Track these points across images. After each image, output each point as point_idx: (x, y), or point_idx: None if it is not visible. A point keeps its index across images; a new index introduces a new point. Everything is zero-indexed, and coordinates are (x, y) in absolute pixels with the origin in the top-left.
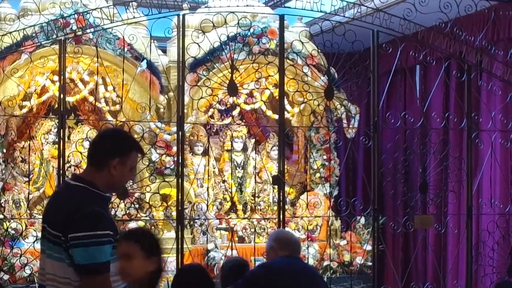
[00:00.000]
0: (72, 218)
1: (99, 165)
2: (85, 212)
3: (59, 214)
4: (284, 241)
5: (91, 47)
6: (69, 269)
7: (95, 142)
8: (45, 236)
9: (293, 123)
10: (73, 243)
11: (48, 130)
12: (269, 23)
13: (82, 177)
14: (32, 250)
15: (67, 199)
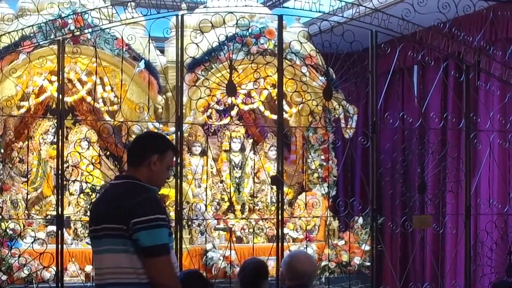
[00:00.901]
0: (132, 207)
1: (139, 163)
2: (144, 198)
3: (118, 208)
4: (294, 272)
5: (89, 47)
6: (134, 257)
7: (134, 142)
8: (101, 236)
9: (291, 123)
10: (137, 227)
11: (46, 130)
12: (267, 23)
13: (126, 175)
14: (30, 251)
15: (121, 193)
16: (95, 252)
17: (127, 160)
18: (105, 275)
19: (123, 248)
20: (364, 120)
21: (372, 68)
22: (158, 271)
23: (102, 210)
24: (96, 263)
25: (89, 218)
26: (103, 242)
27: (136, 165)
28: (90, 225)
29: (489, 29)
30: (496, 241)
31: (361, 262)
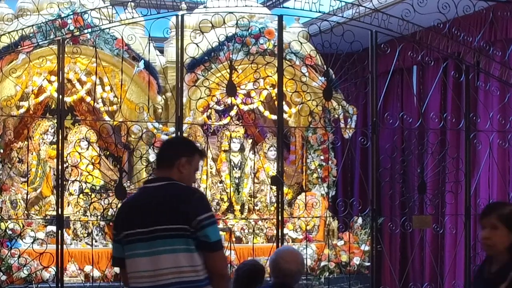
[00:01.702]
0: (193, 206)
1: (169, 165)
2: (199, 197)
3: (176, 209)
4: (277, 271)
5: (89, 47)
6: (194, 255)
7: (164, 146)
8: (151, 238)
9: (291, 123)
10: (204, 224)
11: (45, 131)
12: (266, 24)
13: (163, 178)
14: (29, 251)
15: (174, 195)
16: (136, 256)
17: (157, 163)
18: (162, 276)
19: (184, 247)
20: (363, 120)
21: (372, 68)
22: (220, 263)
23: (153, 213)
24: (143, 266)
25: (120, 223)
26: (157, 244)
27: (168, 168)
28: (122, 229)
29: (488, 29)
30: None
31: (361, 262)
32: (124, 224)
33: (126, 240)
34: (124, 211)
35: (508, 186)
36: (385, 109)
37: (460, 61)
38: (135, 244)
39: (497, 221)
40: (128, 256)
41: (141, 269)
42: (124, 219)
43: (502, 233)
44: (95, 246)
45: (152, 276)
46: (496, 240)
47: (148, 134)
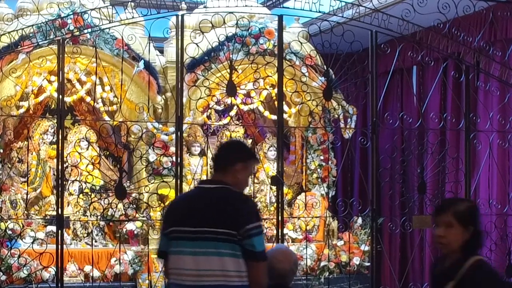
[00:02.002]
0: (245, 214)
1: (225, 169)
2: (251, 206)
3: (226, 214)
4: (271, 272)
5: (89, 47)
6: (240, 261)
7: (221, 149)
8: (197, 238)
9: (290, 123)
10: (252, 233)
11: (45, 131)
12: (266, 24)
13: (217, 181)
14: (29, 251)
15: (227, 201)
16: (180, 253)
17: (214, 165)
18: (206, 277)
19: (230, 252)
20: (363, 120)
21: (372, 69)
22: (261, 274)
23: (202, 214)
24: (186, 264)
25: (171, 217)
26: (202, 245)
27: (223, 171)
28: (170, 225)
29: (488, 29)
30: (495, 241)
31: (361, 263)
32: (173, 220)
33: (171, 236)
34: (175, 207)
35: (508, 186)
36: (385, 109)
37: (460, 61)
38: (180, 242)
39: (453, 218)
40: (172, 252)
41: (184, 267)
42: (174, 215)
43: (457, 231)
44: (95, 246)
45: (195, 275)
46: (450, 239)
47: (148, 134)
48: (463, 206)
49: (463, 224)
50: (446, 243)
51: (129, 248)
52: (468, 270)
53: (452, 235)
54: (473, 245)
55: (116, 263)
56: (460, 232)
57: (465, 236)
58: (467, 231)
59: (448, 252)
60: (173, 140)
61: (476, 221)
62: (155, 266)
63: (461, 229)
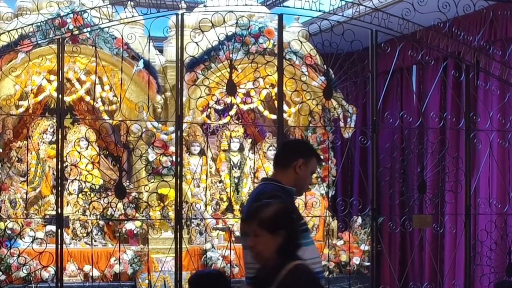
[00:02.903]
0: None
1: (285, 166)
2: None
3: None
4: None
5: (88, 46)
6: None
7: (282, 147)
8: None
9: (290, 123)
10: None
11: (45, 130)
12: (266, 23)
13: (269, 178)
14: (29, 250)
15: (255, 198)
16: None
17: (274, 163)
18: (248, 270)
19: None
20: (363, 119)
21: (372, 68)
22: None
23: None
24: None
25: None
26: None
27: (283, 168)
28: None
29: (488, 28)
30: (496, 240)
31: (360, 262)
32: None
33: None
34: (245, 205)
35: (508, 186)
36: (385, 109)
37: (460, 60)
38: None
39: (257, 227)
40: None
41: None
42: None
43: (264, 239)
44: (94, 245)
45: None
46: (260, 248)
47: (148, 134)
48: (268, 212)
49: (270, 231)
50: (258, 252)
51: (129, 247)
52: (285, 276)
53: (260, 244)
54: (288, 249)
55: (116, 262)
56: (269, 239)
57: (277, 242)
58: (277, 236)
59: (263, 260)
60: (173, 139)
61: (287, 224)
62: (155, 265)
63: (268, 236)
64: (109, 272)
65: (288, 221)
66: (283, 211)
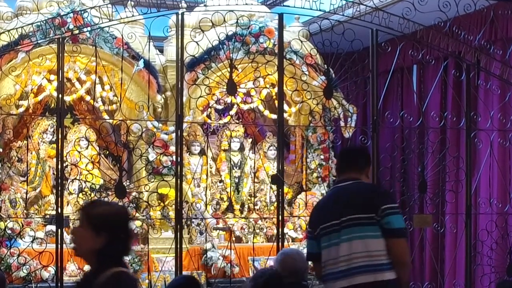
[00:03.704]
0: (381, 198)
1: (361, 170)
2: (385, 191)
3: (369, 200)
4: (287, 270)
5: (88, 46)
6: (380, 241)
7: (360, 151)
8: (343, 227)
9: (290, 122)
10: (389, 212)
11: (45, 130)
12: (266, 23)
13: (350, 178)
14: (29, 250)
15: (366, 190)
16: (333, 244)
17: (347, 166)
18: (355, 260)
19: (372, 234)
20: (363, 119)
21: (373, 67)
22: (403, 250)
23: (345, 205)
24: (340, 252)
25: (316, 220)
26: (350, 231)
27: (357, 172)
28: (318, 225)
29: (489, 28)
30: (496, 240)
31: None
32: (320, 220)
33: (322, 233)
34: (319, 209)
35: (509, 185)
36: (386, 108)
37: (461, 59)
38: (330, 235)
39: (85, 220)
40: (324, 247)
41: (338, 255)
42: (320, 216)
43: (86, 234)
44: None
45: (347, 260)
46: (79, 241)
47: (148, 133)
48: (100, 210)
49: (93, 228)
50: (75, 243)
51: None
52: (103, 282)
53: (80, 237)
54: (109, 254)
55: None
56: (89, 236)
57: (98, 243)
58: (100, 237)
59: (80, 256)
60: (173, 139)
61: (113, 228)
62: (155, 265)
63: (90, 232)
64: None
65: (115, 226)
66: (115, 214)
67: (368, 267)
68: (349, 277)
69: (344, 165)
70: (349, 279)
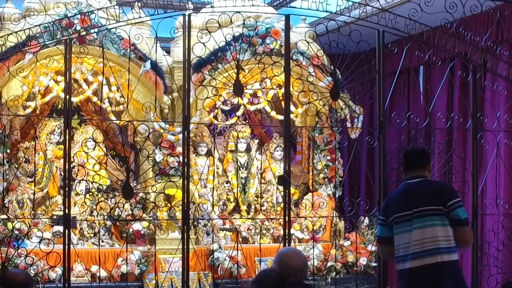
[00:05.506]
0: (449, 194)
1: (423, 168)
2: (451, 187)
3: (439, 195)
4: (286, 269)
5: (95, 47)
6: (447, 228)
7: (423, 151)
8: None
9: (297, 123)
10: (456, 206)
11: (52, 131)
12: (273, 24)
13: (419, 175)
14: (36, 251)
15: (436, 186)
16: (404, 232)
17: (413, 165)
18: (426, 244)
19: (440, 222)
20: (370, 120)
21: (379, 68)
22: (468, 234)
23: (418, 198)
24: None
25: (391, 209)
26: (422, 220)
27: (422, 169)
28: (392, 214)
29: (496, 29)
30: (503, 241)
31: (367, 263)
32: (393, 209)
33: (395, 221)
34: (392, 200)
35: None
36: (392, 109)
37: (467, 60)
38: (401, 224)
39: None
40: (397, 233)
41: (410, 240)
42: (393, 207)
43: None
44: (101, 246)
45: (419, 244)
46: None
47: (155, 134)
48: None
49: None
50: None
51: (136, 248)
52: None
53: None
54: None
55: (123, 263)
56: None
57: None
58: None
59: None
60: (180, 140)
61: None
62: (162, 266)
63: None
64: (116, 272)
65: None
66: None
67: (436, 250)
68: (421, 258)
69: (411, 165)
70: (421, 260)
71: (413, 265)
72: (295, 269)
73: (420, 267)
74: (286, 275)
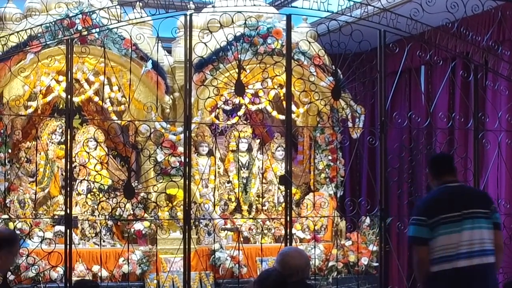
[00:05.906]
0: (490, 198)
1: (455, 172)
2: (485, 191)
3: (483, 199)
4: (288, 269)
5: (97, 47)
6: (490, 231)
7: (449, 158)
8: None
9: (298, 123)
10: (495, 210)
11: (53, 130)
12: (274, 24)
13: (456, 180)
14: (38, 251)
15: (477, 191)
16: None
17: (447, 169)
18: (474, 245)
19: (486, 225)
20: (371, 120)
21: (381, 68)
22: (502, 240)
23: (461, 202)
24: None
25: (432, 212)
26: (470, 222)
27: (455, 174)
28: (435, 216)
29: (497, 29)
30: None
31: (369, 263)
32: (439, 210)
33: (442, 222)
34: (436, 202)
35: None
36: (393, 109)
37: (469, 60)
38: (449, 224)
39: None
40: (444, 233)
41: (459, 240)
42: (436, 209)
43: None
44: (103, 246)
45: (468, 245)
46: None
47: (156, 134)
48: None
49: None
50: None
51: (137, 248)
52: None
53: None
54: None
55: (124, 263)
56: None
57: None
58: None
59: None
60: (181, 140)
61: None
62: (163, 266)
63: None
64: (118, 272)
65: None
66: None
67: (482, 252)
68: (469, 259)
69: (445, 169)
70: (469, 260)
71: (460, 265)
72: (297, 268)
73: (467, 268)
74: (288, 275)
